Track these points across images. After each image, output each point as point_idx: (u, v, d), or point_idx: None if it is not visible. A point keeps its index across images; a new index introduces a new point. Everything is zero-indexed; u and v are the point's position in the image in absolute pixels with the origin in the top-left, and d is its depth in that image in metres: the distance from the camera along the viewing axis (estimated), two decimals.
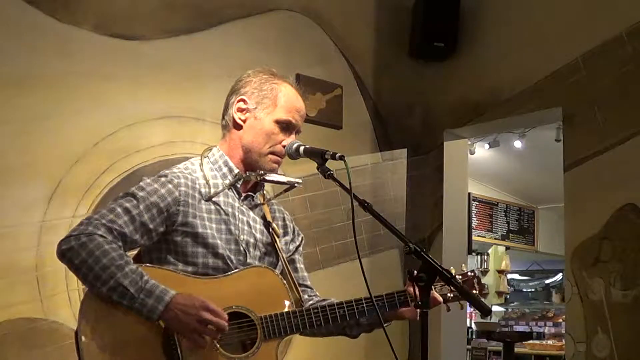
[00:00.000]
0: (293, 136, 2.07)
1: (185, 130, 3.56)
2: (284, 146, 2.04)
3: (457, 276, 2.08)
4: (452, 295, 2.07)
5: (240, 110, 2.06)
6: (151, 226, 1.90)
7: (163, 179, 1.97)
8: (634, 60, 3.67)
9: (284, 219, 2.20)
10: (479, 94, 4.35)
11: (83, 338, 1.82)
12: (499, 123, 4.41)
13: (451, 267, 2.09)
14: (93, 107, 3.31)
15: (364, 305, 2.01)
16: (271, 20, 3.99)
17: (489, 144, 6.47)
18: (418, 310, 1.73)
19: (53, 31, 3.23)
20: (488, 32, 4.39)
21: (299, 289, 2.15)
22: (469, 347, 6.07)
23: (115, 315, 1.82)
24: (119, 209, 1.88)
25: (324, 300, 2.15)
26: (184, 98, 3.57)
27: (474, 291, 2.11)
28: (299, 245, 2.23)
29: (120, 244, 1.85)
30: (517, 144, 6.41)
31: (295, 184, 2.09)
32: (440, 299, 2.06)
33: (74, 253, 1.80)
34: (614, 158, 3.68)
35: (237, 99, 2.06)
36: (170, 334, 1.84)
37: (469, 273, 2.14)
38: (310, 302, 2.14)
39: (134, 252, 2.03)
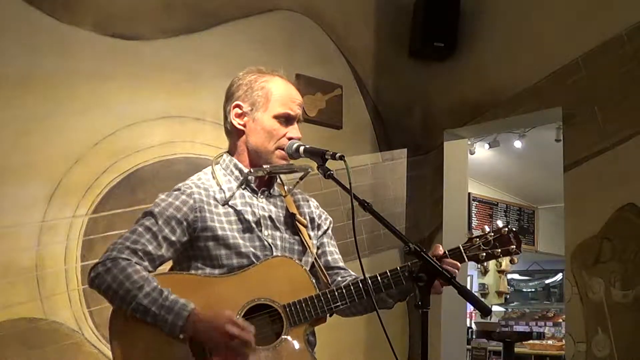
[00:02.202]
0: (296, 126, 2.08)
1: (185, 130, 3.56)
2: (289, 138, 2.06)
3: (490, 233, 2.01)
4: (484, 254, 1.99)
5: (238, 115, 2.08)
6: (173, 238, 1.95)
7: (176, 192, 2.01)
8: (634, 60, 3.67)
9: (309, 207, 2.20)
10: (479, 94, 4.35)
11: (115, 354, 1.87)
12: (499, 123, 4.41)
13: (485, 226, 2.04)
14: (93, 107, 3.31)
15: (390, 277, 1.97)
16: (271, 20, 3.99)
17: (489, 144, 6.48)
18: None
19: (53, 31, 3.23)
20: (488, 32, 4.39)
21: (332, 271, 2.15)
22: (469, 347, 6.08)
23: (143, 327, 1.87)
24: (140, 229, 1.94)
25: (356, 279, 2.09)
26: (184, 98, 3.57)
27: (512, 246, 2.00)
28: (327, 229, 2.22)
29: (145, 263, 1.91)
30: (517, 144, 6.42)
31: (309, 170, 2.07)
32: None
33: (101, 279, 1.88)
34: (614, 158, 3.68)
35: (232, 105, 2.08)
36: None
37: (504, 229, 2.01)
38: (344, 283, 2.11)
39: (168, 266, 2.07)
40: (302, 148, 2.02)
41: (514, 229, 2.06)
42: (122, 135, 3.37)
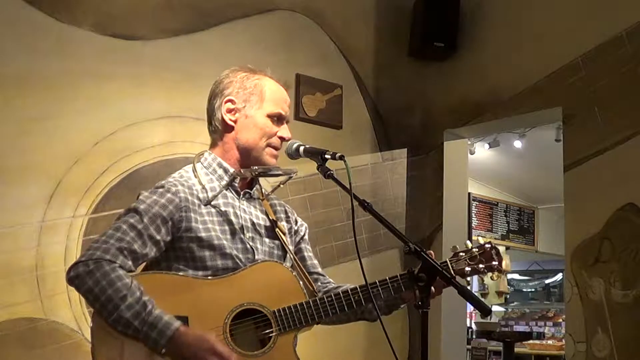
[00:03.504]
0: (286, 126, 2.09)
1: (185, 130, 3.56)
2: (279, 137, 2.06)
3: (473, 249, 2.04)
4: (470, 269, 2.01)
5: (230, 111, 2.06)
6: (158, 237, 1.90)
7: (161, 190, 1.96)
8: (634, 60, 3.67)
9: (285, 212, 2.19)
10: (479, 94, 4.35)
11: (97, 356, 1.83)
12: (499, 123, 4.41)
13: (467, 242, 2.07)
14: (93, 107, 3.31)
15: (379, 288, 1.97)
16: (271, 20, 3.99)
17: (489, 144, 6.48)
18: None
19: (53, 31, 3.23)
20: (488, 32, 4.39)
21: (312, 277, 2.14)
22: (469, 347, 6.07)
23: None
24: (124, 226, 1.88)
25: (338, 287, 2.12)
26: (184, 98, 3.57)
27: (493, 262, 2.03)
28: (303, 235, 2.22)
29: (130, 263, 1.85)
30: (517, 144, 6.42)
31: (292, 174, 2.07)
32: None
33: (81, 281, 1.81)
34: (614, 158, 3.68)
35: (224, 100, 2.06)
36: None
37: (486, 245, 2.05)
38: (325, 290, 2.12)
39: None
40: (302, 148, 2.01)
41: (496, 246, 2.08)
42: (122, 135, 3.37)
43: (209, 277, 1.93)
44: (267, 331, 1.91)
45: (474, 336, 6.70)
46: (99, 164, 3.29)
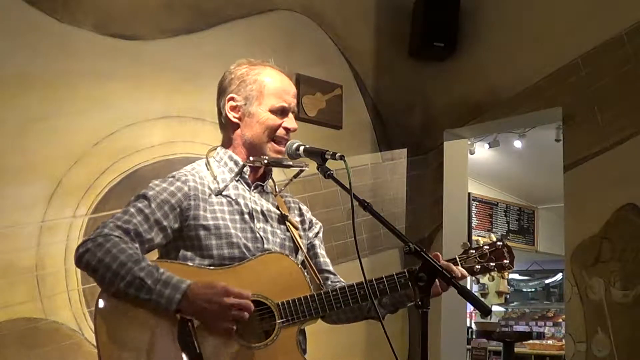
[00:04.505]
0: (291, 117, 2.09)
1: (185, 130, 3.56)
2: (285, 128, 2.07)
3: (484, 247, 2.04)
4: (479, 267, 2.02)
5: (232, 108, 2.08)
6: (165, 223, 1.93)
7: (171, 179, 2.00)
8: (634, 60, 3.67)
9: (299, 209, 2.20)
10: (479, 94, 4.35)
11: (99, 337, 1.82)
12: (499, 123, 4.42)
13: (478, 238, 2.06)
14: (93, 107, 3.31)
15: (385, 283, 1.95)
16: (271, 20, 3.99)
17: (489, 144, 6.48)
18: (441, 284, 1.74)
19: (53, 31, 3.23)
20: (488, 32, 4.39)
21: (322, 275, 2.14)
22: (469, 347, 6.08)
23: (129, 311, 1.83)
24: (132, 210, 1.91)
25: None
26: (184, 98, 3.57)
27: (505, 261, 2.04)
28: (317, 232, 2.22)
29: (136, 245, 1.88)
30: (517, 144, 6.42)
31: (304, 168, 2.08)
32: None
33: (91, 254, 1.83)
34: (614, 158, 3.68)
35: (227, 98, 2.08)
36: (186, 325, 1.84)
37: (498, 243, 2.06)
38: (339, 285, 2.10)
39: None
40: (302, 148, 2.02)
41: (508, 245, 2.08)
42: (122, 135, 3.37)
43: (215, 267, 1.93)
44: (272, 323, 1.91)
45: (474, 336, 6.70)
46: (99, 164, 3.29)
